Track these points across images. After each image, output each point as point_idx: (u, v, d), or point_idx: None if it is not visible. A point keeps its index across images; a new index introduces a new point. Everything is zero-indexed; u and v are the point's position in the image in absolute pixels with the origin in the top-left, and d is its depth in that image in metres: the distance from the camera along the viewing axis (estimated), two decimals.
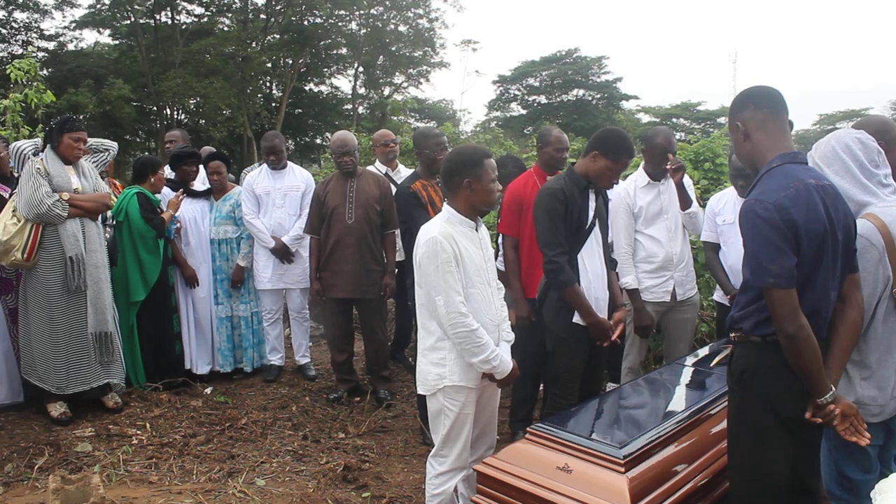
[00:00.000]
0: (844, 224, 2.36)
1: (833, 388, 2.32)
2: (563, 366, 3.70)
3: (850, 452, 2.60)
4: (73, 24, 28.31)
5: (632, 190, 4.46)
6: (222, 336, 5.74)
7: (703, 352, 4.06)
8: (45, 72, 25.35)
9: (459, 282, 2.98)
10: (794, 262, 2.23)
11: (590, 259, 3.65)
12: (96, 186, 4.86)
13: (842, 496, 2.68)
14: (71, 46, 28.83)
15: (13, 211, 4.57)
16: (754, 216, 2.27)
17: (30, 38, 27.43)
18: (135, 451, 4.29)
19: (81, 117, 4.94)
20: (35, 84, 6.89)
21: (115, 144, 5.30)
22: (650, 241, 4.44)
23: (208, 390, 5.45)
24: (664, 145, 4.39)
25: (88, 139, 4.91)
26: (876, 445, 2.62)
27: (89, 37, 48.83)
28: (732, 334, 2.54)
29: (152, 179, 5.34)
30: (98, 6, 27.25)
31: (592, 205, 3.68)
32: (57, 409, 4.74)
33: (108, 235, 5.00)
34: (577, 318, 3.62)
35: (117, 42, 30.20)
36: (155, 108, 28.64)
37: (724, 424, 2.86)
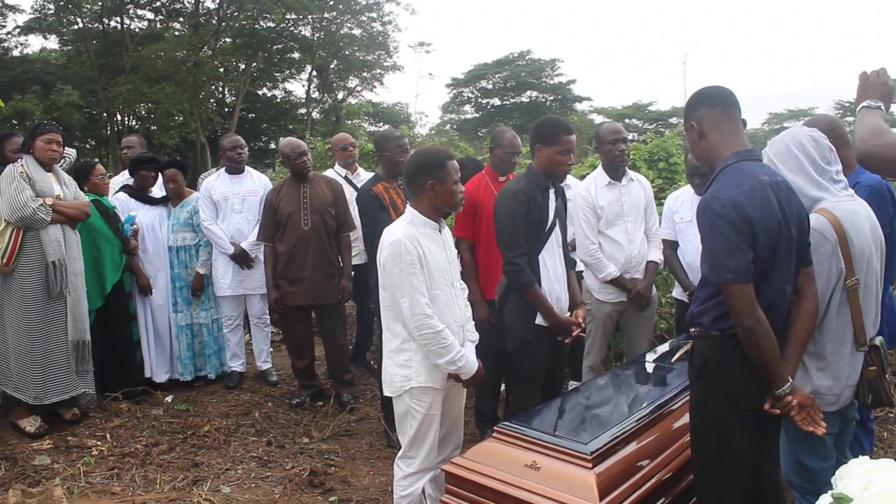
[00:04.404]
0: (798, 219, 2.42)
1: (790, 380, 2.38)
2: (526, 367, 3.72)
3: (808, 442, 2.66)
4: (17, 30, 27.69)
5: (592, 189, 4.51)
6: (182, 344, 5.65)
7: (663, 348, 4.11)
8: None
9: (424, 283, 2.99)
10: (750, 258, 2.29)
11: (551, 260, 3.68)
12: (76, 195, 4.82)
13: (801, 484, 2.75)
14: (16, 52, 28.21)
15: None
16: (711, 213, 2.33)
17: None
18: (95, 462, 4.22)
19: (51, 121, 4.86)
20: None
21: (72, 151, 5.24)
22: (610, 243, 4.49)
23: (169, 398, 5.38)
24: (613, 135, 4.48)
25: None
26: (832, 434, 2.69)
27: (35, 42, 47.77)
28: (692, 329, 2.59)
29: (88, 185, 5.24)
30: (43, 12, 26.65)
31: (553, 205, 3.71)
32: (32, 424, 4.63)
33: None
34: (539, 320, 3.65)
35: (67, 48, 29.61)
36: (105, 115, 28.14)
37: (685, 419, 2.92)
